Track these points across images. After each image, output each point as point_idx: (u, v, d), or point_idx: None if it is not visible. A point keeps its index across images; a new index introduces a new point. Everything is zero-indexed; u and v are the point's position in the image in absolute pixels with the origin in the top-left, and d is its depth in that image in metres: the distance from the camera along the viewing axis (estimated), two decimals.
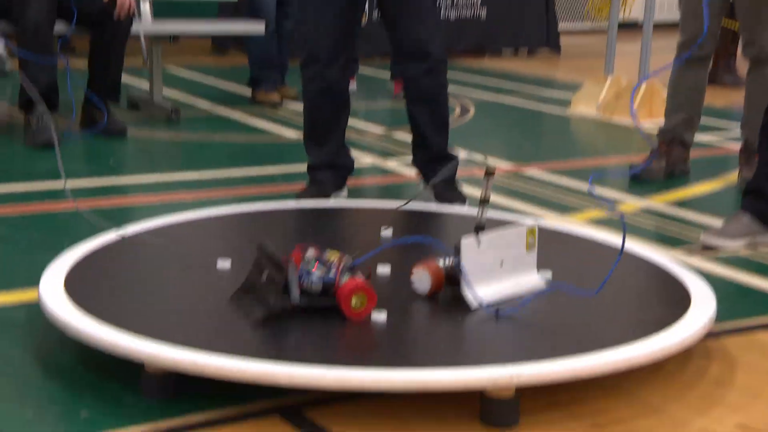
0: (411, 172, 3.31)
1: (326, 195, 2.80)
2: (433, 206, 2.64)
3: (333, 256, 1.73)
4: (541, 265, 2.03)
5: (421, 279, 1.81)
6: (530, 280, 1.89)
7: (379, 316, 1.71)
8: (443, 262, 1.83)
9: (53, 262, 1.97)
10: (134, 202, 2.91)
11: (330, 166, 2.84)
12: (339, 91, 2.79)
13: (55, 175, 3.12)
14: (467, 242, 1.79)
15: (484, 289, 1.80)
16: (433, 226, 2.52)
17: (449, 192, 2.81)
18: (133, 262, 2.05)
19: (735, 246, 2.54)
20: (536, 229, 1.91)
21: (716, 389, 1.71)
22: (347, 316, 1.68)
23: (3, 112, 4.17)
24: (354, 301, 1.68)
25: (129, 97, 4.36)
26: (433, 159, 2.86)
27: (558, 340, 1.67)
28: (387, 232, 2.28)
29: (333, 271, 1.71)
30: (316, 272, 1.71)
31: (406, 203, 1.83)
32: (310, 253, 1.73)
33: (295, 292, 1.70)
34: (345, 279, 1.70)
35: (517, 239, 1.88)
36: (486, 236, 1.82)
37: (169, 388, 1.58)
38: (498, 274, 1.83)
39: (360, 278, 1.71)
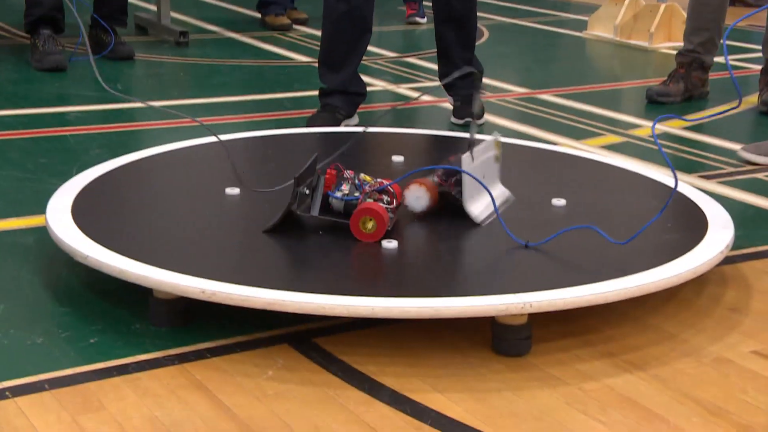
0: (425, 98, 3.26)
1: (337, 121, 2.77)
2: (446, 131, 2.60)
3: (367, 179, 1.73)
4: (555, 193, 2.00)
5: (419, 197, 1.78)
6: (500, 192, 1.91)
7: (390, 244, 1.68)
8: (435, 179, 1.82)
9: (61, 187, 1.95)
10: (143, 127, 2.87)
11: (343, 92, 2.80)
12: (362, 16, 2.75)
13: (64, 100, 3.09)
14: (465, 158, 1.77)
15: (477, 204, 1.80)
16: (445, 150, 2.48)
17: (468, 107, 2.82)
18: (141, 188, 2.03)
19: None
20: (500, 142, 1.94)
21: (731, 315, 1.69)
22: (356, 237, 1.67)
23: None
24: (363, 223, 1.66)
25: (136, 20, 4.28)
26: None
27: (571, 267, 1.65)
28: (398, 158, 2.24)
29: (359, 192, 1.70)
30: (343, 191, 1.71)
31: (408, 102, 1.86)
32: (346, 173, 1.73)
33: (317, 205, 1.70)
34: (368, 201, 1.68)
35: (488, 152, 1.89)
36: (475, 152, 1.82)
37: (178, 316, 1.57)
38: (482, 188, 1.83)
39: (379, 204, 1.69)
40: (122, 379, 1.42)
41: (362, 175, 1.74)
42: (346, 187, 1.72)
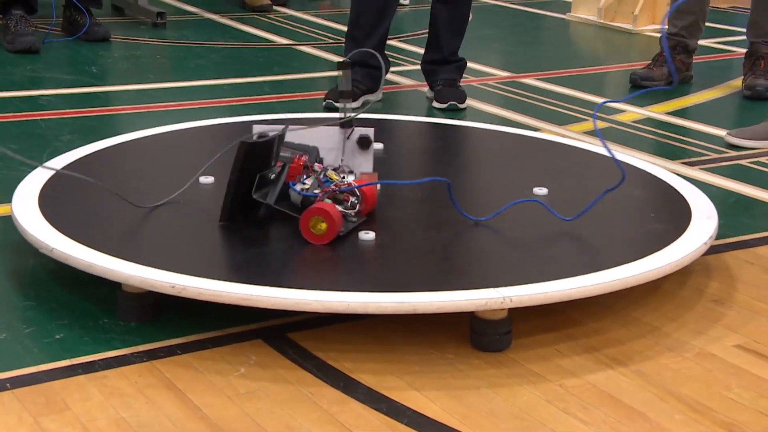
0: (407, 81, 3.20)
1: (354, 95, 2.76)
2: (426, 118, 2.55)
3: (333, 176, 1.66)
4: (537, 180, 1.95)
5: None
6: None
7: (367, 236, 1.64)
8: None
9: (29, 174, 1.89)
10: (117, 112, 2.81)
11: (362, 65, 2.80)
12: None
13: (36, 83, 3.01)
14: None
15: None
16: (424, 137, 2.43)
17: (450, 90, 2.83)
18: (111, 176, 1.97)
19: (758, 146, 2.49)
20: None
21: (715, 308, 1.66)
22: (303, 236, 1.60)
23: None
24: (314, 223, 1.58)
25: (113, 0, 4.20)
26: (440, 61, 2.90)
27: (552, 260, 1.61)
28: (377, 146, 2.19)
29: (320, 189, 1.64)
30: (305, 184, 1.65)
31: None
32: (317, 168, 1.68)
33: (275, 194, 1.64)
34: (326, 200, 1.63)
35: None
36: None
37: (147, 311, 1.52)
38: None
39: (334, 206, 1.61)
40: (88, 377, 1.37)
41: (329, 172, 1.68)
42: (309, 181, 1.65)
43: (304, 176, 1.66)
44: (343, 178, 1.69)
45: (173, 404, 1.32)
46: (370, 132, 1.82)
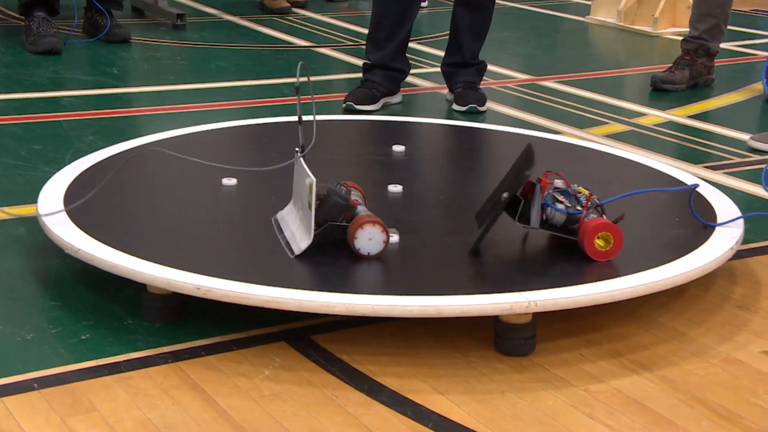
0: (426, 84, 3.20)
1: (374, 97, 2.79)
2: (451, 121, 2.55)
3: (584, 191, 1.62)
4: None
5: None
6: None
7: (392, 239, 1.63)
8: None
9: (53, 176, 1.90)
10: (138, 113, 2.82)
11: (383, 68, 2.81)
12: None
13: (58, 85, 3.03)
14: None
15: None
16: (444, 140, 2.43)
17: (470, 93, 2.84)
18: (136, 178, 1.98)
19: None
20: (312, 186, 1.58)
21: (740, 313, 1.65)
22: (588, 255, 1.56)
23: None
24: (598, 240, 1.56)
25: (133, 2, 4.22)
26: (461, 64, 2.90)
27: (576, 264, 1.60)
28: (398, 148, 2.19)
29: (580, 206, 1.60)
30: (563, 203, 1.60)
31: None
32: (559, 182, 1.62)
33: (536, 217, 1.58)
34: (591, 216, 1.59)
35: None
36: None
37: (172, 312, 1.53)
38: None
39: (605, 219, 1.59)
40: (114, 378, 1.38)
41: (579, 186, 1.63)
42: (564, 198, 1.60)
43: (557, 195, 1.60)
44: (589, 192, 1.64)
45: (199, 406, 1.32)
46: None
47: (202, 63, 3.46)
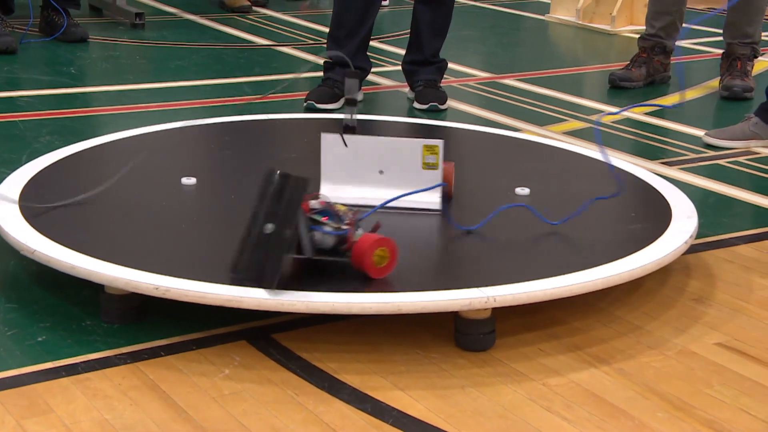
0: (387, 82, 3.21)
1: (335, 96, 2.78)
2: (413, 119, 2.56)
3: (342, 208, 1.53)
4: (519, 180, 1.96)
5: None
6: (425, 199, 1.72)
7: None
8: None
9: (9, 176, 1.87)
10: (96, 113, 2.79)
11: (344, 66, 2.81)
12: None
13: (13, 84, 2.99)
14: (328, 137, 1.72)
15: (341, 188, 1.74)
16: (406, 136, 2.43)
17: (431, 91, 2.85)
18: (93, 178, 1.96)
19: (735, 146, 2.54)
20: (438, 147, 1.75)
21: (695, 306, 1.68)
22: (366, 272, 1.48)
23: None
24: (376, 257, 1.49)
25: (90, 0, 4.17)
26: (422, 62, 2.91)
27: (533, 259, 1.62)
28: None
29: (345, 224, 1.51)
30: (328, 226, 1.50)
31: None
32: (317, 204, 1.52)
33: (308, 247, 1.49)
34: (359, 233, 1.51)
35: (410, 153, 1.75)
36: (357, 138, 1.75)
37: (131, 313, 1.52)
38: (372, 180, 1.75)
39: (374, 233, 1.51)
40: (71, 379, 1.36)
41: (338, 205, 1.53)
42: (328, 219, 1.50)
43: (319, 218, 1.50)
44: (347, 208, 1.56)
45: (158, 406, 1.31)
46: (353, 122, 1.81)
47: (161, 62, 3.44)
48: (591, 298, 1.64)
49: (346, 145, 1.72)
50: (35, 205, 1.71)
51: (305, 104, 2.79)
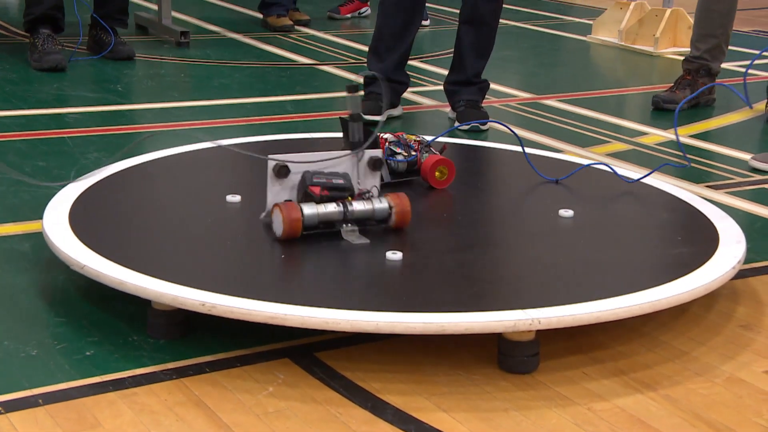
0: (428, 102, 3.22)
1: (379, 109, 2.80)
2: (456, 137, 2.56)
3: (411, 137, 2.02)
4: (562, 203, 1.96)
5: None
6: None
7: (395, 256, 1.64)
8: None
9: (58, 192, 1.91)
10: (142, 129, 2.83)
11: (385, 80, 2.84)
12: (411, 7, 2.85)
13: (62, 101, 3.05)
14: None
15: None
16: (449, 157, 2.44)
17: (473, 111, 2.87)
18: (140, 194, 1.99)
19: None
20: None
21: (743, 333, 1.65)
22: (432, 186, 1.99)
23: None
24: (438, 174, 1.99)
25: (137, 19, 4.24)
26: (463, 83, 2.94)
27: (579, 282, 1.61)
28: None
29: (413, 150, 1.99)
30: (400, 153, 1.99)
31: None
32: (389, 136, 2.00)
33: (386, 172, 1.97)
34: (425, 156, 2.00)
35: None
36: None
37: (177, 328, 1.53)
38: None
39: (436, 155, 1.99)
40: (118, 394, 1.38)
41: (405, 135, 2.02)
42: (399, 149, 1.99)
43: (393, 148, 1.98)
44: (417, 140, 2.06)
45: (203, 422, 1.32)
46: (379, 153, 1.82)
47: (205, 80, 3.48)
48: (635, 322, 1.63)
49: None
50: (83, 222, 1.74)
51: None
